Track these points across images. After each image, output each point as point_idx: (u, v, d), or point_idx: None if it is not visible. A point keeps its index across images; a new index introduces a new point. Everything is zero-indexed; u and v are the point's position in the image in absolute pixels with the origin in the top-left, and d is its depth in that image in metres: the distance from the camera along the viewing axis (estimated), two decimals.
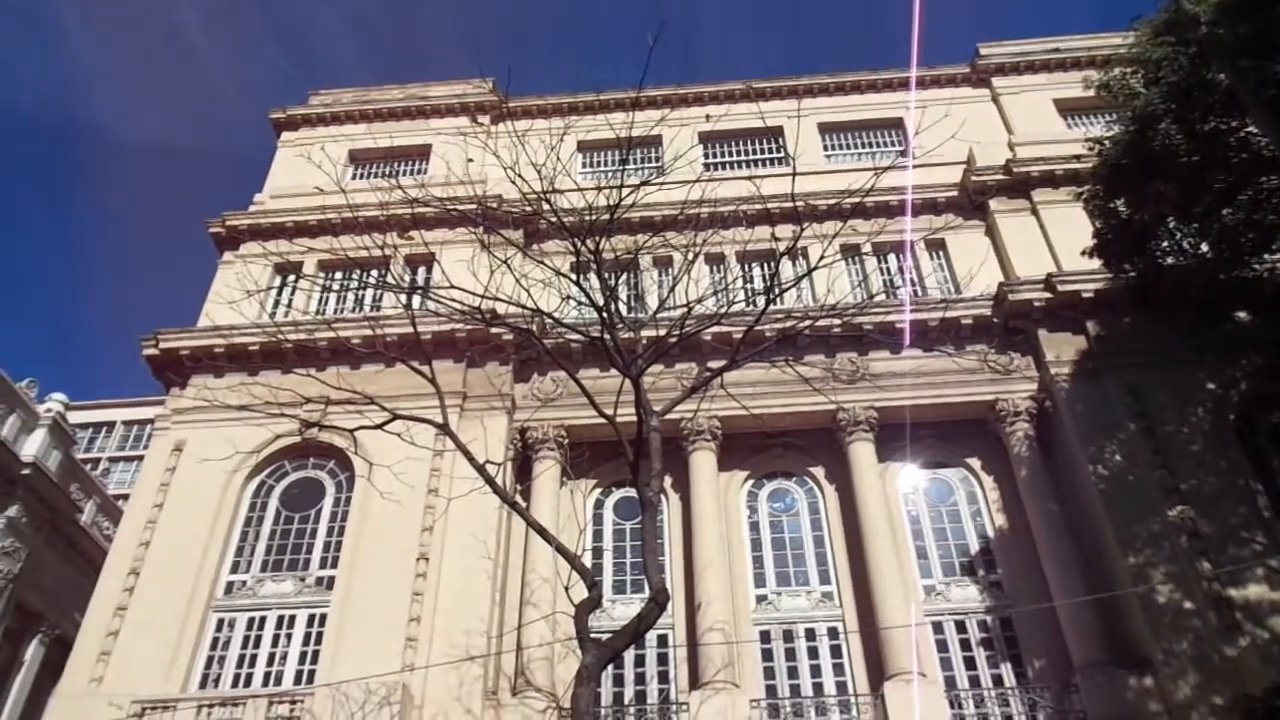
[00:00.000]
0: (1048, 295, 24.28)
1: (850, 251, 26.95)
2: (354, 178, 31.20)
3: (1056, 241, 26.02)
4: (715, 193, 22.28)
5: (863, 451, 23.47)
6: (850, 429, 23.73)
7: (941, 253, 27.91)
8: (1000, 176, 27.85)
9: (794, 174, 16.69)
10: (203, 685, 20.19)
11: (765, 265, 27.30)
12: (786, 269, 23.64)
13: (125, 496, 36.38)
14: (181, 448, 23.59)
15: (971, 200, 28.08)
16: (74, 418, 37.33)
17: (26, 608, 29.20)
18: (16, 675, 29.07)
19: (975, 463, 24.25)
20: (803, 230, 16.31)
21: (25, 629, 29.58)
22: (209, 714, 18.46)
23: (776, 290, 16.88)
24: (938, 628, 21.51)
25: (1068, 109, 31.04)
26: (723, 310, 17.78)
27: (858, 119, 32.30)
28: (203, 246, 29.79)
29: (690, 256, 17.40)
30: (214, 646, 20.91)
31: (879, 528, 22.04)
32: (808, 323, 19.26)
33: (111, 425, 68.13)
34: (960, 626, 21.63)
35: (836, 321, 21.76)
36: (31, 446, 28.96)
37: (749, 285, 27.16)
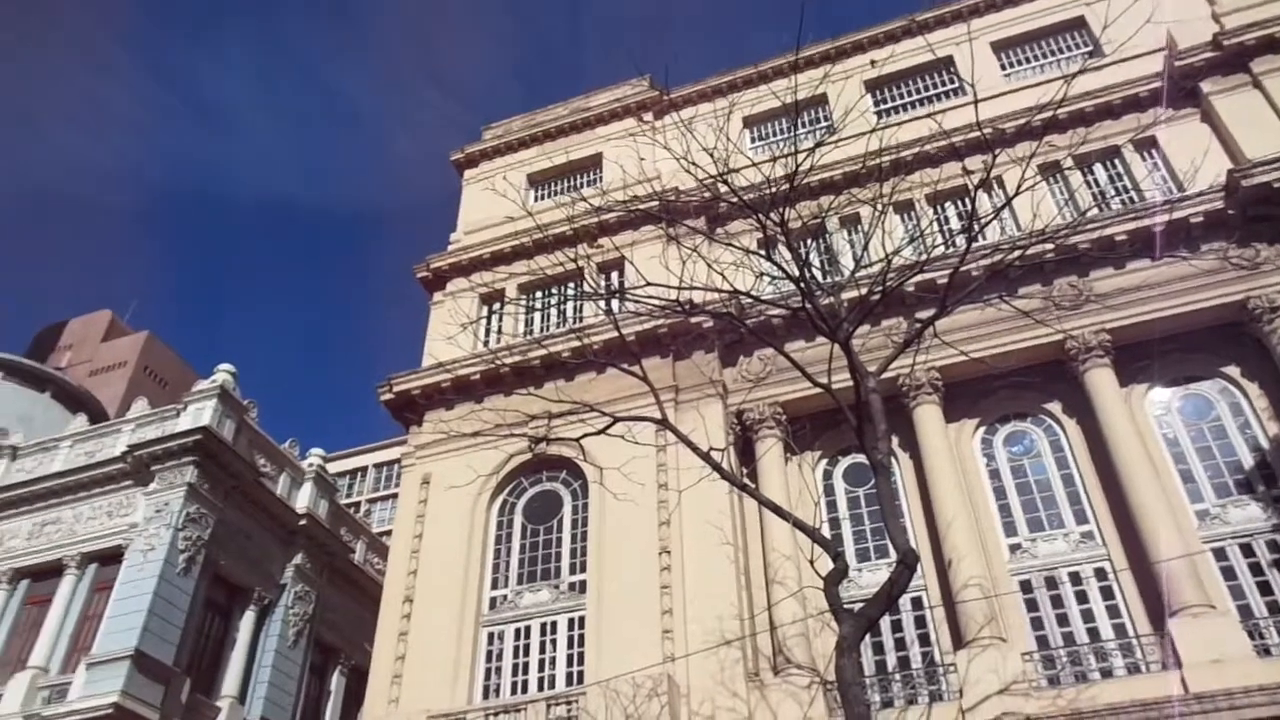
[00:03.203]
0: None
1: (1050, 170, 25.26)
2: (536, 199, 32.36)
3: None
4: (894, 139, 21.48)
5: (1101, 378, 21.90)
6: (1083, 357, 22.20)
7: (1154, 151, 25.59)
8: (1209, 54, 25.13)
9: (975, 101, 15.87)
10: (485, 696, 21.56)
11: (959, 203, 26.06)
12: (984, 202, 22.48)
13: (387, 533, 39.42)
14: (429, 480, 25.29)
15: (1179, 87, 25.52)
16: (332, 468, 40.88)
17: (324, 643, 32.30)
18: (326, 704, 32.20)
19: (1234, 371, 22.05)
20: (995, 158, 15.43)
21: (326, 663, 32.73)
22: None
23: (977, 226, 16.02)
24: (1219, 554, 19.73)
25: None
26: (923, 257, 17.10)
27: (1033, 29, 30.06)
28: (413, 292, 31.82)
29: (879, 209, 16.88)
30: (489, 659, 22.27)
31: (1133, 456, 20.49)
32: (1017, 253, 18.23)
33: (364, 470, 74.43)
34: (1246, 550, 19.75)
35: (1048, 246, 20.50)
36: (303, 499, 31.99)
37: (946, 227, 26.00)
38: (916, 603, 21.09)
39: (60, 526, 28.79)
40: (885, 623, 20.36)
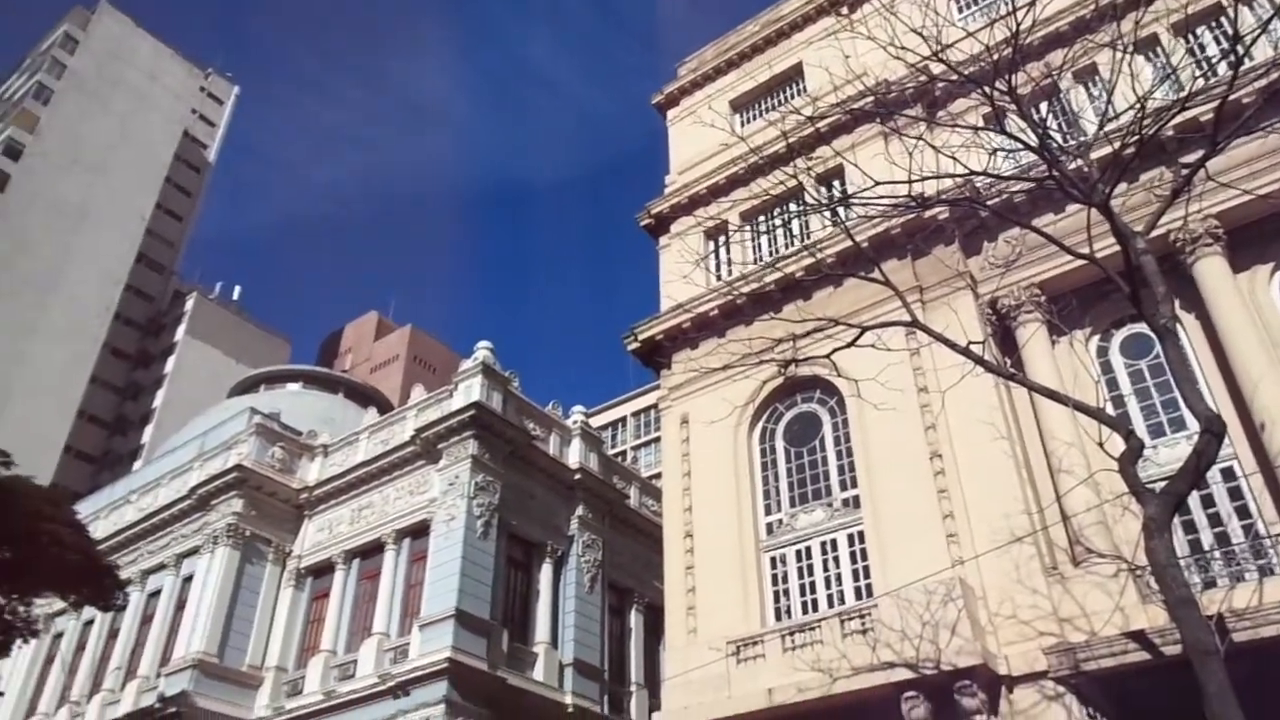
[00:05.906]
0: None
1: None
2: (742, 124, 31.83)
3: None
4: None
5: None
6: None
7: None
8: None
9: None
10: (777, 618, 21.96)
11: (1215, 24, 23.02)
12: (1246, 17, 19.73)
13: (656, 476, 40.87)
14: (687, 419, 25.88)
15: None
16: (593, 422, 42.81)
17: (618, 585, 34.25)
18: (629, 641, 34.18)
19: None
20: None
21: (622, 603, 34.69)
22: (792, 640, 20.03)
23: (1242, 47, 14.04)
24: None
25: None
26: (1181, 95, 15.27)
27: None
28: (642, 240, 32.36)
29: (1119, 52, 15.21)
30: (775, 582, 22.65)
31: None
32: None
33: (623, 420, 77.60)
34: None
35: None
36: (574, 455, 33.80)
37: (1203, 56, 23.07)
38: (1228, 474, 19.25)
39: (373, 509, 32.18)
40: (1194, 499, 18.71)
